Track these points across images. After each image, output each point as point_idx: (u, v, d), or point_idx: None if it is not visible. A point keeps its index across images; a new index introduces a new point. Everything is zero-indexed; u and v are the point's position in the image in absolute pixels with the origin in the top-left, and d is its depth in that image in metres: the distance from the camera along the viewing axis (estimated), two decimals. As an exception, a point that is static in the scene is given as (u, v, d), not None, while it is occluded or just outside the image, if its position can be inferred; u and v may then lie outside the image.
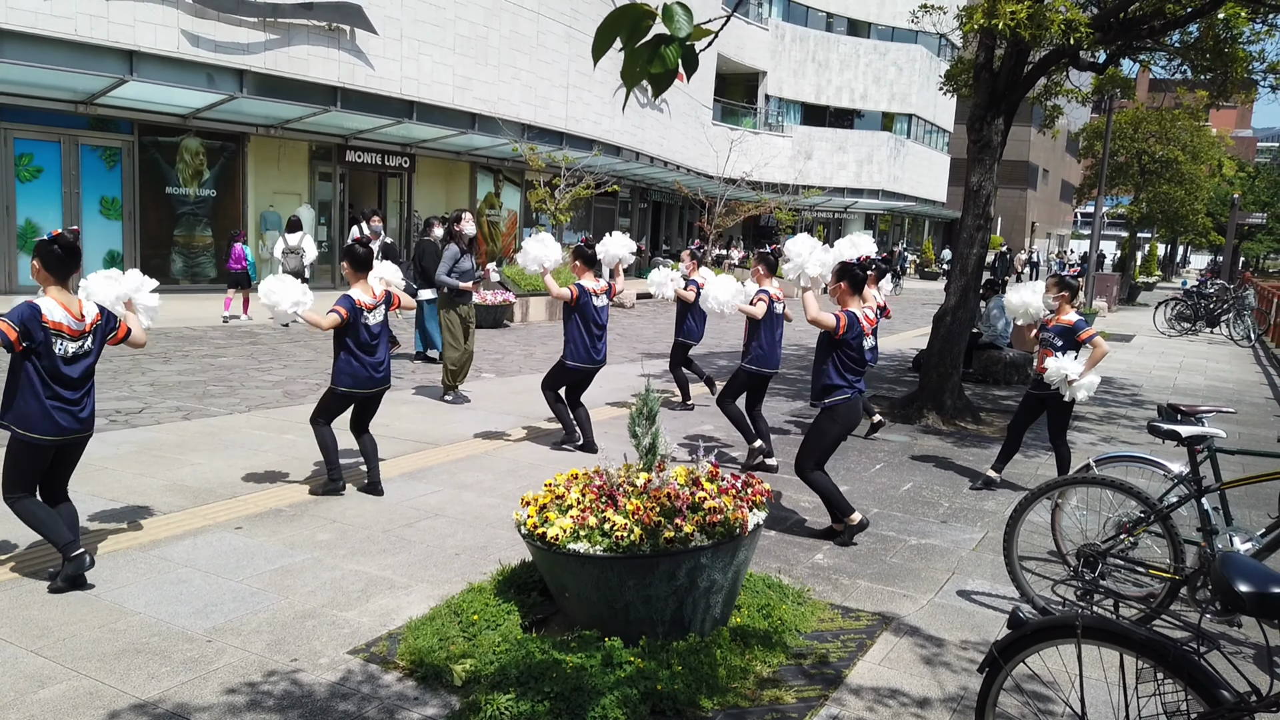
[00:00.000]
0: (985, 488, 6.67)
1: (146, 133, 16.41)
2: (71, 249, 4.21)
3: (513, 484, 6.14)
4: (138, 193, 16.33)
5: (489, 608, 3.92)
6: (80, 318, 4.20)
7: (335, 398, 5.67)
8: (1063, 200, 78.48)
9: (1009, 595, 4.56)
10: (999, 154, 9.05)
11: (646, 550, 3.57)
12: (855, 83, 43.71)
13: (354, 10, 17.25)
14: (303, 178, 19.36)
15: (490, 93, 20.73)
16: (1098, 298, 23.44)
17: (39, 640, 3.66)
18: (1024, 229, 67.52)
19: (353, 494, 5.80)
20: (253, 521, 5.20)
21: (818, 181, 39.60)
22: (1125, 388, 11.99)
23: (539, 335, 15.09)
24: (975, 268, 9.18)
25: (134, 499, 5.49)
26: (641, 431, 3.99)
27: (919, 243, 51.62)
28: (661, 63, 1.60)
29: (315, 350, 11.86)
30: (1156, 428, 4.19)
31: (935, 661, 3.89)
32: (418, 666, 3.56)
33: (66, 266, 4.19)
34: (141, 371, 9.69)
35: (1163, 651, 2.21)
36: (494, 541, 5.02)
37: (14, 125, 14.78)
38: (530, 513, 3.85)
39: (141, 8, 14.51)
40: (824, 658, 3.85)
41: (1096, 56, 9.54)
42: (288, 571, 4.49)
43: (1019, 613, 2.53)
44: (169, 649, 3.65)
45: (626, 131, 26.77)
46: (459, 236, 8.68)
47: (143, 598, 4.11)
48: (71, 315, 4.16)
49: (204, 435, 7.15)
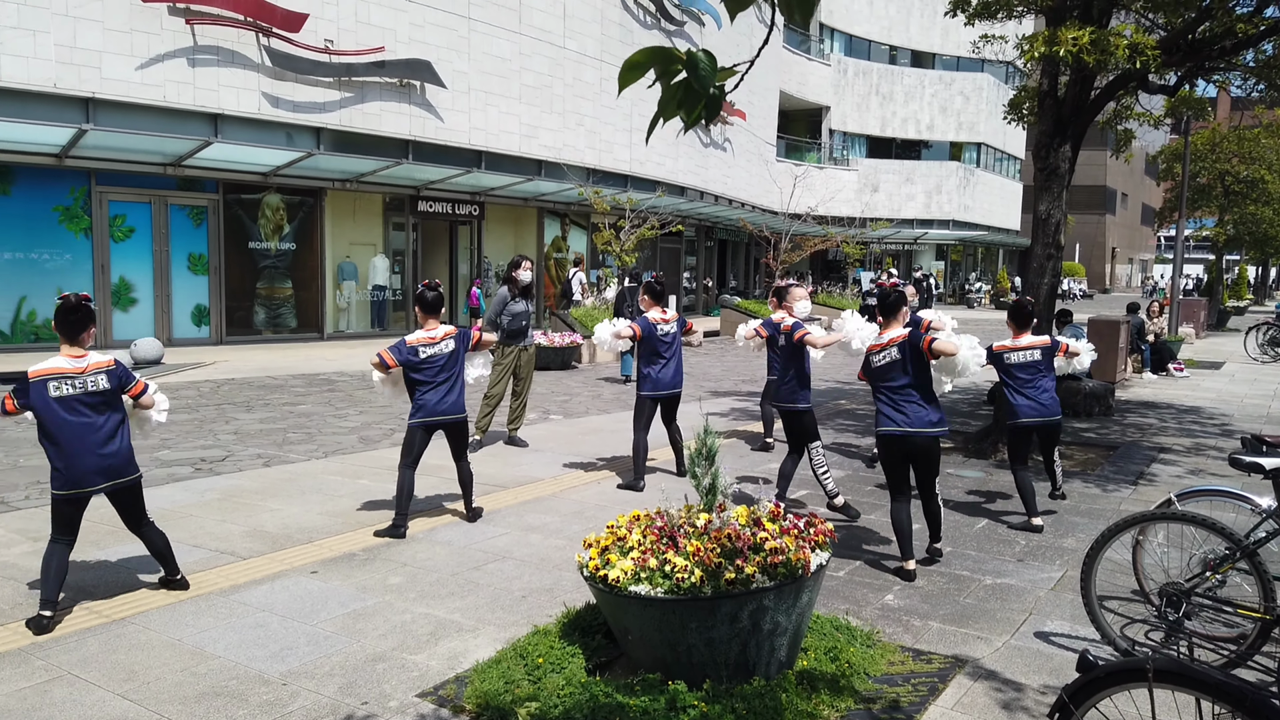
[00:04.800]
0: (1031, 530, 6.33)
1: (230, 191, 17.18)
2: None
3: (579, 526, 6.18)
4: (222, 248, 17.08)
5: (554, 650, 3.95)
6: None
7: (409, 432, 6.08)
8: (1144, 224, 76.29)
9: (1090, 637, 4.40)
10: (1067, 181, 8.88)
11: (708, 592, 3.56)
12: (921, 114, 43.43)
13: (424, 66, 17.86)
14: (377, 228, 19.99)
15: (556, 139, 21.17)
16: (1184, 324, 22.62)
17: (125, 684, 3.81)
18: (1104, 255, 65.78)
19: (423, 538, 5.91)
20: (327, 565, 5.33)
21: (885, 214, 39.30)
22: (1215, 417, 11.52)
23: (606, 376, 15.20)
24: (1047, 297, 8.98)
25: (216, 544, 5.69)
26: (701, 472, 4.00)
27: (993, 272, 50.64)
28: (688, 110, 1.66)
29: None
30: (1239, 460, 4.02)
31: (1012, 706, 3.77)
32: (484, 710, 3.59)
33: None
34: (226, 420, 10.06)
35: (1240, 697, 2.12)
36: (560, 584, 5.05)
37: (108, 188, 15.64)
38: (592, 555, 3.88)
39: (225, 73, 15.27)
40: (894, 702, 3.77)
41: (1167, 79, 9.34)
42: (359, 615, 4.59)
43: (1088, 655, 2.45)
44: (246, 692, 3.76)
45: (691, 171, 27.00)
46: (514, 282, 8.85)
47: (223, 641, 4.24)
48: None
49: (283, 481, 7.37)
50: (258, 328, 17.89)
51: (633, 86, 1.69)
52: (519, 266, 8.92)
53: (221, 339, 17.16)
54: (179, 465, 7.92)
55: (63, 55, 13.51)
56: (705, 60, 1.64)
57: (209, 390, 12.22)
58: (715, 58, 1.69)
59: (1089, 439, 9.85)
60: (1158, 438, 9.97)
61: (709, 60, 1.65)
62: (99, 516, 6.25)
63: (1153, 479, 7.92)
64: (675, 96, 1.68)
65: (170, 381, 12.82)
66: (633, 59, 1.67)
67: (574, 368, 16.11)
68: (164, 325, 16.41)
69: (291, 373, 13.98)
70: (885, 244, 42.50)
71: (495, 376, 8.83)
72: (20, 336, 14.93)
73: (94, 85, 13.78)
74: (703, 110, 1.68)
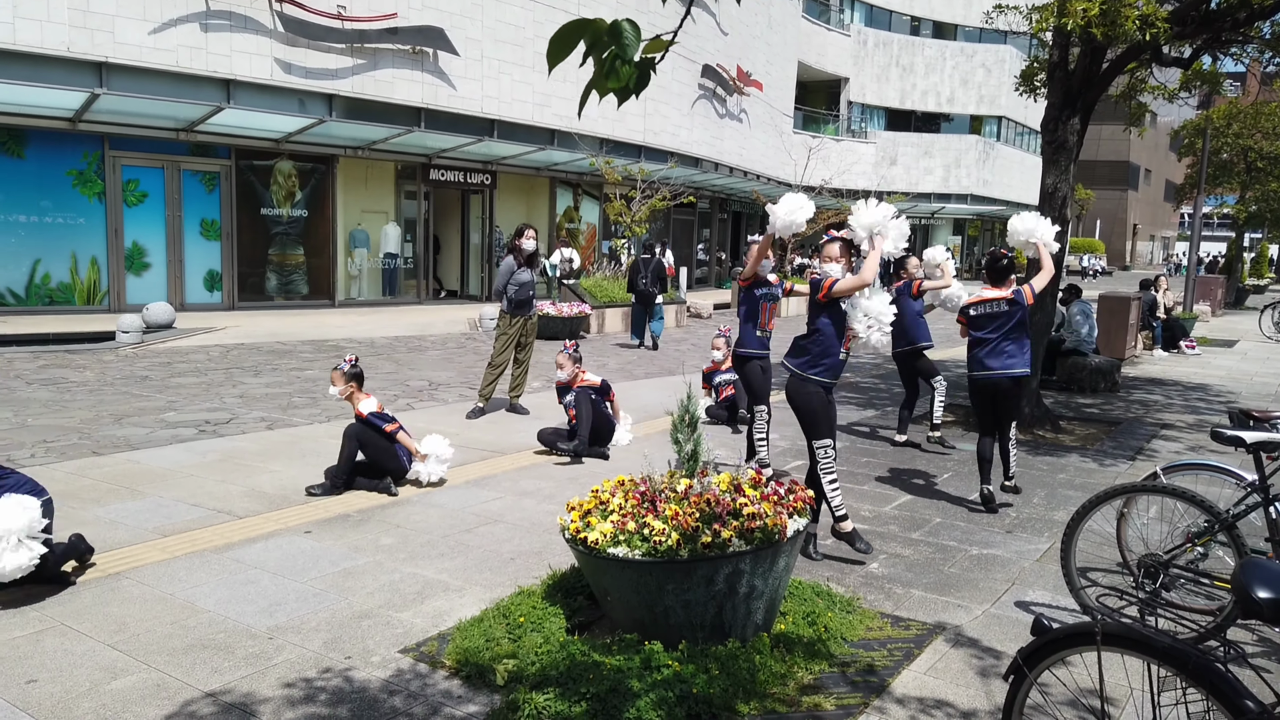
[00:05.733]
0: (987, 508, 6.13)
1: (243, 157, 17.23)
2: None
3: (572, 491, 6.24)
4: (235, 214, 17.16)
5: (535, 610, 4.02)
6: None
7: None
8: (1167, 201, 75.31)
9: (1071, 607, 4.43)
10: (1075, 154, 8.80)
11: (684, 555, 3.61)
12: (941, 86, 42.89)
13: (437, 33, 17.78)
14: (389, 197, 20.01)
15: (569, 108, 21.07)
16: (1200, 301, 22.41)
17: (116, 635, 3.90)
18: (1125, 231, 65.02)
19: (417, 500, 6.00)
20: (322, 526, 5.42)
21: (903, 187, 38.96)
22: (1221, 395, 11.45)
23: (613, 346, 15.24)
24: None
25: (214, 504, 5.79)
26: (683, 438, 4.03)
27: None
28: (616, 79, 1.66)
29: (396, 363, 12.24)
30: (1220, 434, 4.02)
31: (987, 673, 3.81)
32: (464, 666, 3.67)
33: None
34: (233, 384, 10.17)
35: (1184, 659, 2.14)
36: (549, 547, 5.12)
37: (122, 153, 15.72)
38: (574, 517, 3.93)
39: (238, 38, 15.27)
40: (869, 666, 3.82)
41: (1180, 51, 9.20)
42: (350, 574, 4.67)
43: (1043, 619, 2.49)
44: (233, 645, 3.85)
45: (705, 142, 26.83)
46: (518, 251, 8.86)
47: (213, 596, 4.34)
48: None
49: (284, 444, 7.47)
50: (269, 294, 18.01)
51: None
52: (522, 235, 8.93)
53: (234, 304, 17.29)
54: (184, 427, 8.03)
55: (76, 19, 13.53)
56: (629, 30, 1.65)
57: (218, 355, 12.35)
58: (639, 27, 1.70)
59: (1091, 414, 9.82)
60: (1161, 414, 9.93)
61: (633, 29, 1.66)
62: (100, 475, 6.38)
63: (1152, 455, 7.90)
64: (605, 69, 1.68)
65: (181, 346, 12.96)
66: (558, 33, 1.67)
67: (582, 338, 16.15)
68: (176, 290, 16.55)
69: (301, 338, 14.09)
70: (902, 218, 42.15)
71: (500, 346, 8.88)
72: (35, 299, 15.09)
73: (107, 49, 13.81)
74: (632, 82, 1.68)
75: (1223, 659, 2.13)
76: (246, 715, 3.30)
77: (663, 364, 13.24)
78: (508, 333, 8.88)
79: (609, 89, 1.69)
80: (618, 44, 1.63)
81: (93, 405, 8.80)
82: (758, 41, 30.40)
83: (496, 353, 8.89)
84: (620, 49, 1.63)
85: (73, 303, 15.46)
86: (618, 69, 1.65)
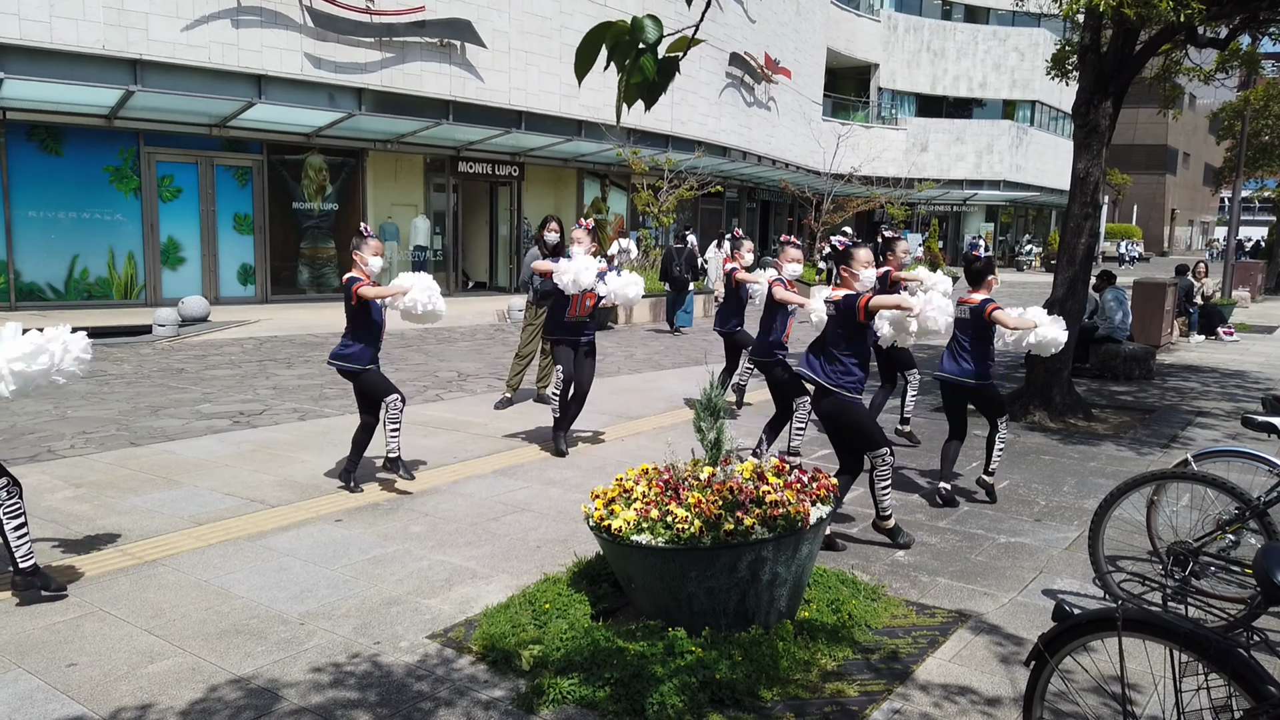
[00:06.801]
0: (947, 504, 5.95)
1: (274, 151, 17.43)
2: None
3: (599, 480, 6.28)
4: (267, 209, 17.37)
5: (560, 597, 4.06)
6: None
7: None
8: (1206, 185, 73.86)
9: (1099, 596, 4.40)
10: (1107, 138, 8.67)
11: (707, 543, 3.63)
12: (973, 71, 42.35)
13: (464, 26, 17.85)
14: (418, 189, 20.15)
15: (596, 99, 21.07)
16: (1239, 287, 21.99)
17: (152, 620, 4.00)
18: (1163, 217, 63.87)
19: (445, 489, 6.06)
20: (352, 515, 5.50)
21: (934, 174, 38.57)
22: (1260, 382, 11.25)
23: (641, 337, 15.27)
24: (1084, 257, 8.81)
25: (248, 493, 5.89)
26: (706, 427, 4.05)
27: (1044, 234, 49.51)
28: (641, 73, 1.67)
29: (425, 354, 12.35)
30: (1251, 420, 3.97)
31: (1011, 660, 3.80)
32: (490, 651, 3.71)
33: None
34: (266, 376, 10.33)
35: (1205, 644, 2.13)
36: (575, 535, 5.16)
37: (156, 149, 15.97)
38: (598, 505, 3.97)
39: (268, 34, 15.43)
40: (893, 653, 3.82)
41: (1216, 32, 9.03)
42: (379, 561, 4.75)
43: (1064, 605, 2.48)
44: (265, 630, 3.93)
45: (733, 131, 26.73)
46: (542, 242, 8.90)
47: (246, 583, 4.42)
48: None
49: (316, 435, 7.58)
50: (301, 287, 18.22)
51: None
52: (546, 227, 8.98)
53: (266, 298, 17.52)
54: (218, 418, 8.17)
55: (110, 17, 13.76)
56: (650, 25, 1.65)
57: (251, 347, 12.53)
58: (660, 21, 1.70)
59: (1125, 402, 9.70)
60: (1197, 401, 9.78)
61: (654, 24, 1.66)
62: (137, 465, 6.51)
63: (1186, 443, 7.79)
64: (629, 72, 1.68)
65: (215, 339, 13.17)
66: (583, 42, 1.67)
67: (609, 328, 16.19)
68: (211, 284, 16.80)
69: (333, 331, 14.21)
70: (933, 205, 41.75)
71: (527, 337, 8.94)
72: (74, 294, 15.39)
73: (141, 47, 14.03)
74: (656, 78, 1.68)
75: (1245, 644, 2.11)
76: (278, 698, 3.37)
77: (689, 354, 13.24)
78: (534, 323, 8.93)
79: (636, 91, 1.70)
80: (639, 36, 1.64)
81: (130, 397, 8.98)
82: (786, 29, 30.20)
83: (523, 343, 8.95)
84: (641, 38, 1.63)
85: (110, 297, 15.75)
86: (641, 65, 1.66)
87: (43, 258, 15.05)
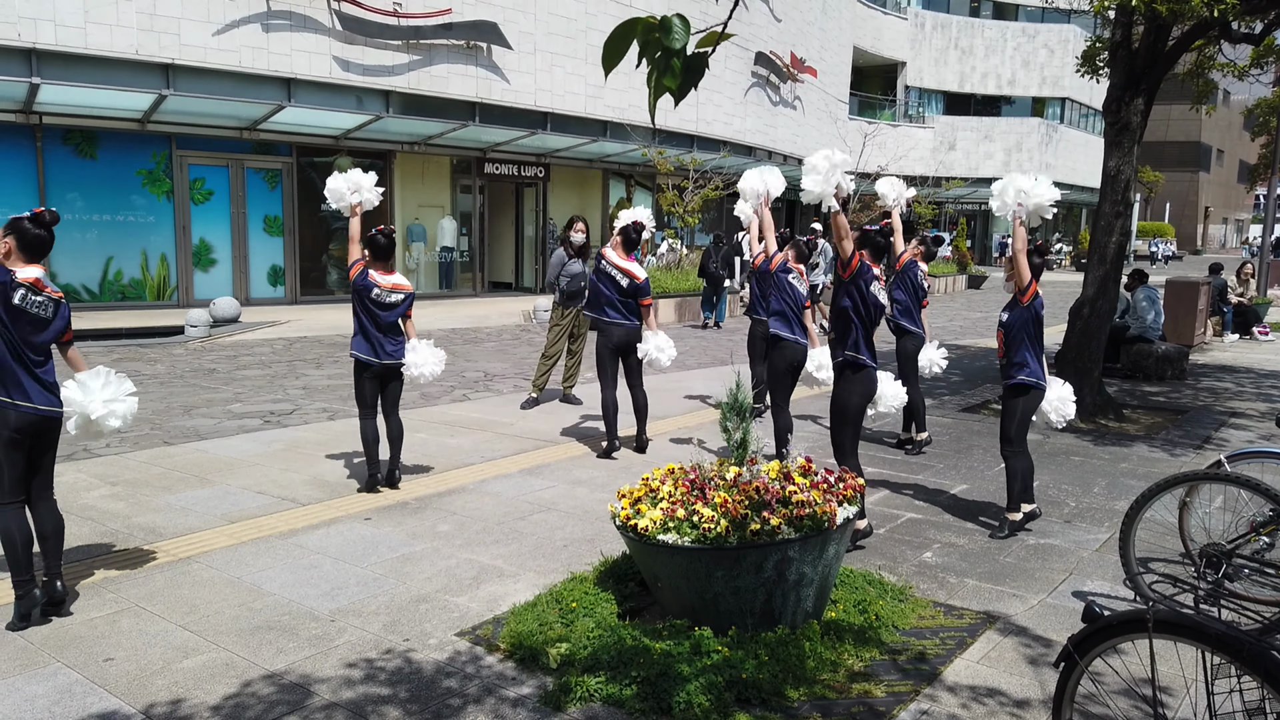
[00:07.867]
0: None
1: (303, 154, 17.63)
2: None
3: (624, 480, 6.29)
4: (296, 211, 17.56)
5: (587, 596, 4.08)
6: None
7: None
8: (1241, 183, 72.71)
9: (1130, 597, 4.36)
10: (1139, 136, 8.57)
11: (733, 542, 3.64)
12: (1002, 68, 41.97)
13: (490, 28, 17.95)
14: (445, 191, 20.28)
15: (621, 100, 21.10)
16: (1274, 286, 21.63)
17: (187, 616, 4.07)
18: (1196, 215, 62.96)
19: (473, 488, 6.11)
20: (381, 513, 5.56)
21: (962, 172, 38.25)
22: (1296, 382, 11.08)
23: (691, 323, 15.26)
24: (1114, 256, 8.72)
25: (279, 491, 5.97)
26: (732, 427, 4.06)
27: (1075, 232, 48.96)
28: (672, 75, 1.68)
29: (453, 355, 12.43)
30: (1285, 420, 3.91)
31: (1040, 662, 3.77)
32: (517, 649, 3.74)
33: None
34: (296, 376, 10.44)
35: (1238, 646, 2.11)
36: (601, 534, 5.18)
37: (188, 152, 16.20)
38: (625, 505, 3.99)
39: (297, 37, 15.60)
40: (921, 654, 3.81)
41: (1250, 27, 8.90)
42: (408, 559, 4.79)
43: (1094, 606, 2.47)
44: (297, 626, 3.98)
45: (758, 131, 26.66)
46: (568, 243, 8.96)
47: (278, 580, 4.49)
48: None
49: (345, 434, 7.65)
50: (330, 288, 18.40)
51: (692, 46, 1.68)
52: (572, 228, 9.03)
53: (296, 299, 17.70)
54: (249, 418, 8.27)
55: (143, 22, 13.97)
56: (678, 24, 1.67)
57: (281, 347, 12.67)
58: (688, 20, 1.71)
59: (1157, 402, 9.58)
60: (1231, 402, 9.65)
61: (682, 24, 1.68)
62: (171, 464, 6.62)
63: (1220, 444, 7.68)
64: (660, 68, 1.70)
65: (246, 339, 13.33)
66: (611, 36, 1.69)
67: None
68: (242, 285, 17.01)
69: (361, 331, 14.35)
70: (960, 204, 41.39)
71: (553, 337, 8.99)
72: (108, 295, 15.64)
73: (173, 51, 14.22)
74: (684, 74, 1.69)
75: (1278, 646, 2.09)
76: (310, 694, 3.42)
77: (715, 354, 13.24)
78: (560, 324, 8.97)
79: (666, 87, 1.71)
80: (666, 38, 1.65)
81: (163, 397, 9.11)
82: (812, 27, 30.08)
83: (549, 344, 8.99)
84: (668, 41, 1.65)
85: (143, 298, 15.99)
86: (672, 65, 1.67)
87: (78, 260, 15.31)
